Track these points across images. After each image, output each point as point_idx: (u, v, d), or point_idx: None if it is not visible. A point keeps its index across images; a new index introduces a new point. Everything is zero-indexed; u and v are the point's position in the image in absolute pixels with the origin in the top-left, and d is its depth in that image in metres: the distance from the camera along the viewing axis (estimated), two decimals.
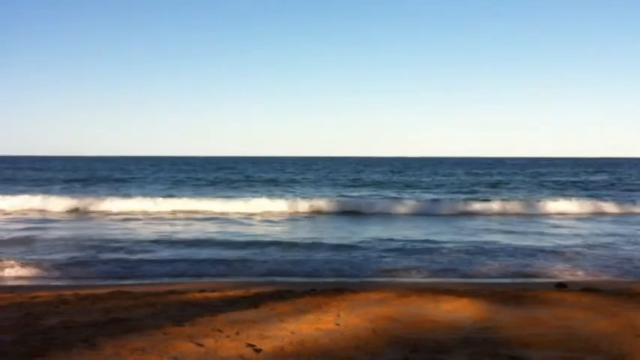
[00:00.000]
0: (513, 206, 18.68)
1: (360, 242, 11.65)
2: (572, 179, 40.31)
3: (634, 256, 10.23)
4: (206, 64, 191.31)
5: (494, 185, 33.20)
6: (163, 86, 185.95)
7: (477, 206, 18.94)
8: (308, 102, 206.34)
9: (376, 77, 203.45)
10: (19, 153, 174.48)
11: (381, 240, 11.95)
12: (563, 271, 8.81)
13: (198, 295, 6.36)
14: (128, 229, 13.93)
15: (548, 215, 17.33)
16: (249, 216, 17.03)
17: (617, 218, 16.80)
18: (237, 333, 4.52)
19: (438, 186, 32.54)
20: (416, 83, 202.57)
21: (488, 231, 13.65)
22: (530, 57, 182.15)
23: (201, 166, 68.28)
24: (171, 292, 6.68)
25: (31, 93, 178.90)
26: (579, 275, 8.58)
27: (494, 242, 11.80)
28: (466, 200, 20.83)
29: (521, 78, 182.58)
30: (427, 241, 11.95)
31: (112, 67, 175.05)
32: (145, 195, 21.87)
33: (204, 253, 10.20)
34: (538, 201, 19.95)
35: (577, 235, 13.00)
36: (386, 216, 17.63)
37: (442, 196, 24.66)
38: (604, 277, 8.42)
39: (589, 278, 8.29)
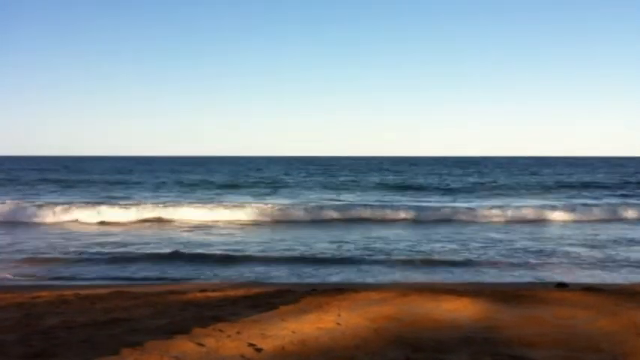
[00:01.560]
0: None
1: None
2: (566, 179, 39.81)
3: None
4: (199, 63, 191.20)
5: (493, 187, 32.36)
6: (160, 86, 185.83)
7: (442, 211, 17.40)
8: (308, 102, 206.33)
9: (375, 76, 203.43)
10: (18, 153, 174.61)
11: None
12: (563, 271, 8.81)
13: (199, 295, 6.36)
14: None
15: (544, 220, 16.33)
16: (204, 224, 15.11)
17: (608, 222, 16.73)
18: (238, 332, 4.52)
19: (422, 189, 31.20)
20: (415, 82, 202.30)
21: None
22: (532, 56, 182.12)
23: (199, 165, 68.22)
24: (172, 291, 6.68)
25: (26, 92, 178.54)
26: (580, 275, 8.57)
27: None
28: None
29: (523, 77, 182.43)
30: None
31: (109, 67, 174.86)
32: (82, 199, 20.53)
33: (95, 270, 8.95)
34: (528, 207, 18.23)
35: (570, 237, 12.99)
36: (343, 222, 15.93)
37: (425, 199, 23.79)
38: (605, 277, 8.41)
39: (590, 278, 8.28)
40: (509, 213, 16.67)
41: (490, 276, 8.50)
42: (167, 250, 10.57)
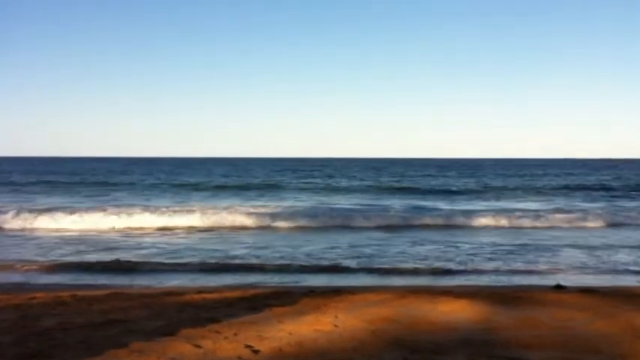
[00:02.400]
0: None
1: None
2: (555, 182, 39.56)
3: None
4: (199, 63, 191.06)
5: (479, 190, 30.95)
6: (160, 86, 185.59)
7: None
8: (308, 102, 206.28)
9: (372, 76, 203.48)
10: (15, 154, 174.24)
11: None
12: (560, 273, 8.82)
13: (195, 297, 6.34)
14: None
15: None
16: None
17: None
18: (235, 334, 4.51)
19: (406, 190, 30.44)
20: (413, 83, 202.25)
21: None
22: (532, 56, 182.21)
23: (197, 166, 68.03)
24: (169, 293, 6.67)
25: (22, 93, 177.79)
26: (577, 277, 8.58)
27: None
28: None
29: (523, 77, 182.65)
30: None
31: (108, 67, 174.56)
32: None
33: None
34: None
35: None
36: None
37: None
38: (602, 279, 8.42)
39: (587, 280, 8.29)
40: (505, 215, 16.28)
41: (487, 278, 8.50)
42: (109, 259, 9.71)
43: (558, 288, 7.20)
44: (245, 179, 40.79)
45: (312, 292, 6.59)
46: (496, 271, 8.99)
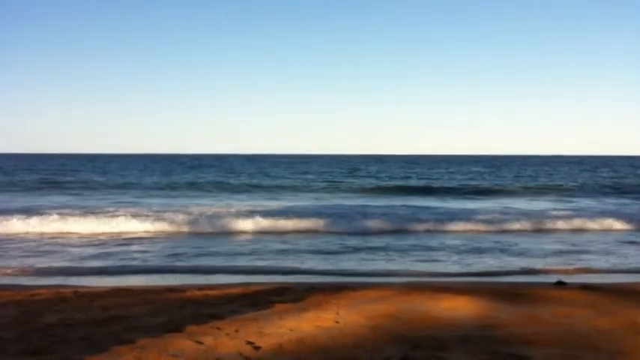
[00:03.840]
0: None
1: None
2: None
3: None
4: (198, 63, 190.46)
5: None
6: (158, 85, 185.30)
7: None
8: (307, 100, 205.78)
9: (371, 76, 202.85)
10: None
11: None
12: (562, 270, 8.81)
13: (197, 293, 6.36)
14: None
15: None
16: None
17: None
18: (237, 330, 4.52)
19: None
20: (413, 82, 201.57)
21: None
22: (531, 55, 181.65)
23: (190, 163, 67.66)
24: (171, 289, 6.67)
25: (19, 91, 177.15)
26: (578, 273, 8.58)
27: None
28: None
29: (522, 76, 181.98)
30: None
31: (106, 66, 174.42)
32: None
33: None
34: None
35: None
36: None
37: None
38: (603, 276, 8.42)
39: (588, 276, 8.29)
40: (499, 213, 15.89)
41: (487, 276, 8.50)
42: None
43: (559, 284, 7.20)
44: (238, 178, 39.26)
45: (313, 289, 6.60)
46: (497, 270, 9.00)
